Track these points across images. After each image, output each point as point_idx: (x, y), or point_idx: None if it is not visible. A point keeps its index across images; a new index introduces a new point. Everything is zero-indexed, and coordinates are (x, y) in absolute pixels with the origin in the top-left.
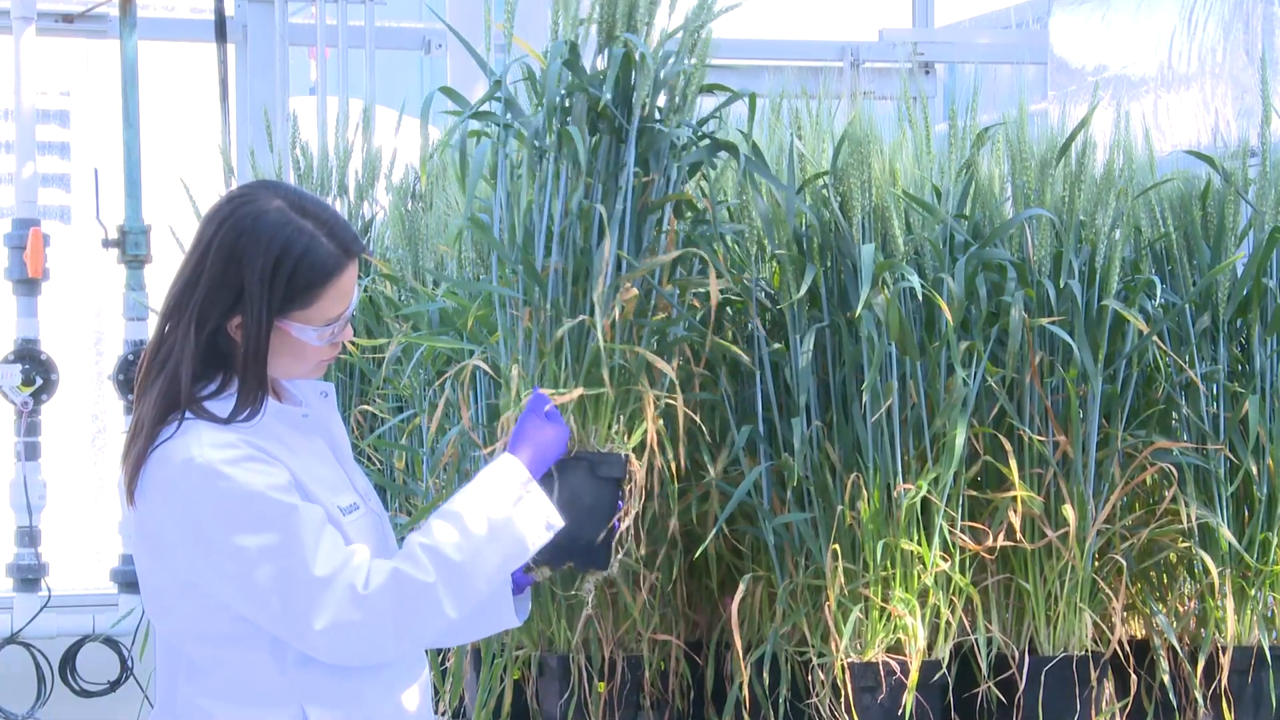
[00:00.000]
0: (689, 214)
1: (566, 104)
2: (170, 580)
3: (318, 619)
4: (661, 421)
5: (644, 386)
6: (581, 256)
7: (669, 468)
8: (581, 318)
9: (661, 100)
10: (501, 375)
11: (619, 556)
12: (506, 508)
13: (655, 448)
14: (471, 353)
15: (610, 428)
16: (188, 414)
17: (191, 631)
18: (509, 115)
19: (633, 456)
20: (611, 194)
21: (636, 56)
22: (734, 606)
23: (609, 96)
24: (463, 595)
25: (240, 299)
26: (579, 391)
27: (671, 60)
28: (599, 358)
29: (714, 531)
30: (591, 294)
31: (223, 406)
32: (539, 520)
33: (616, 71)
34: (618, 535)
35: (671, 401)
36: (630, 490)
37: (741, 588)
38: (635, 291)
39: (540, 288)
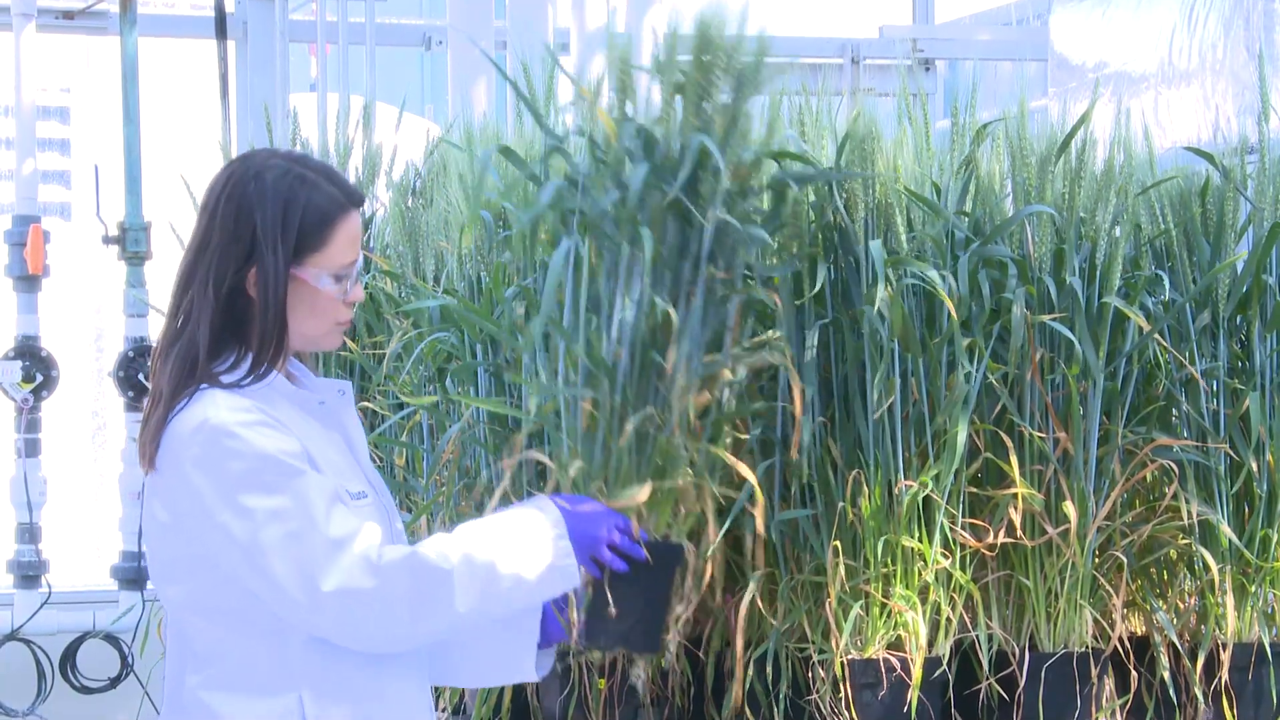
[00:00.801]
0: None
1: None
2: (180, 550)
3: (327, 580)
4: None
5: (705, 480)
6: (649, 351)
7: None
8: (650, 413)
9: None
10: (559, 467)
11: (671, 640)
12: (533, 542)
13: (713, 539)
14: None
15: (668, 516)
16: (203, 385)
17: (196, 605)
18: (579, 198)
19: (690, 545)
20: (681, 287)
21: (713, 156)
22: (742, 608)
23: (682, 193)
24: (476, 597)
25: (254, 251)
26: (645, 494)
27: (743, 157)
28: (667, 454)
29: (721, 533)
30: (665, 392)
31: (237, 377)
32: (559, 567)
33: (691, 170)
34: (672, 621)
35: (733, 496)
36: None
37: (752, 587)
38: (709, 396)
39: (610, 382)
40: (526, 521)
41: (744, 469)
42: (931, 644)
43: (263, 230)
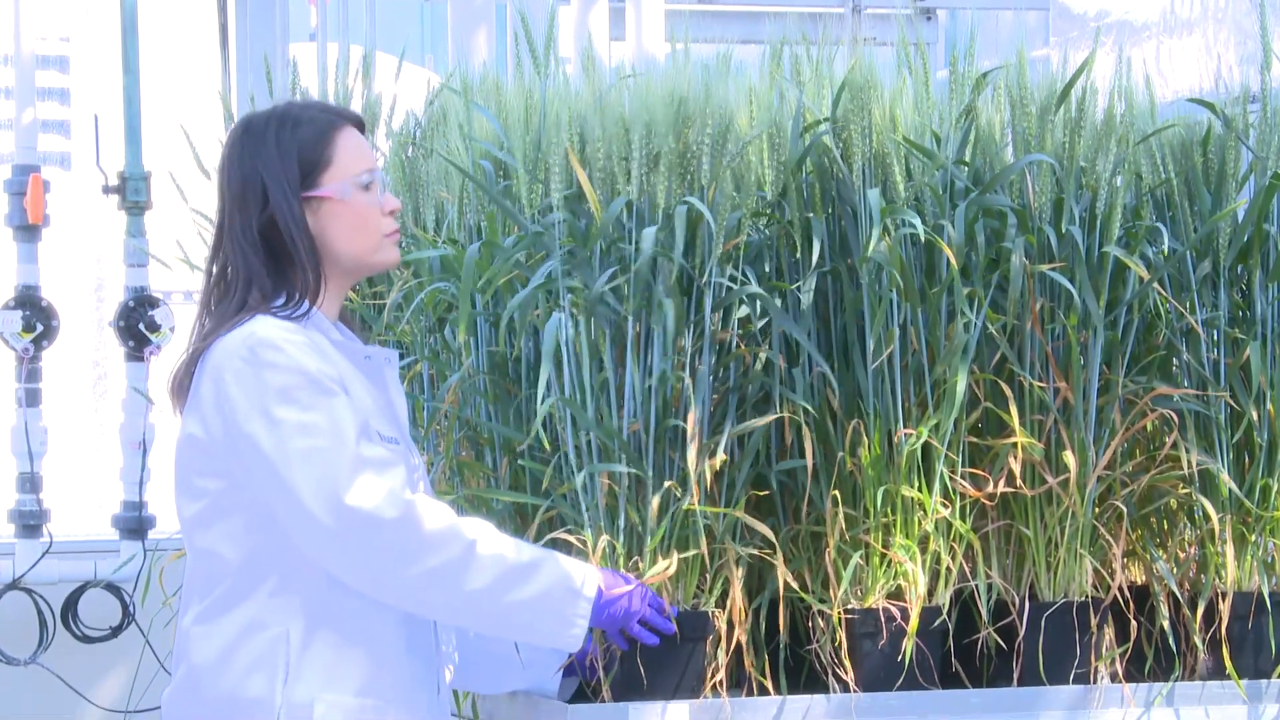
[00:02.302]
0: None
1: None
2: (205, 464)
3: (350, 494)
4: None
5: (729, 543)
6: (663, 422)
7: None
8: (670, 484)
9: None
10: (588, 544)
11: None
12: (561, 586)
13: (742, 606)
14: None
15: (695, 585)
16: (254, 312)
17: (209, 525)
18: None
19: (717, 613)
20: (685, 353)
21: (704, 217)
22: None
23: (681, 260)
24: (483, 587)
25: (265, 190)
26: (672, 568)
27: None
28: (688, 522)
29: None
30: (678, 459)
31: (287, 313)
32: (567, 619)
33: (684, 233)
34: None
35: (761, 555)
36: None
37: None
38: (724, 456)
39: (626, 455)
40: (567, 566)
41: (764, 529)
42: (931, 593)
43: (265, 169)
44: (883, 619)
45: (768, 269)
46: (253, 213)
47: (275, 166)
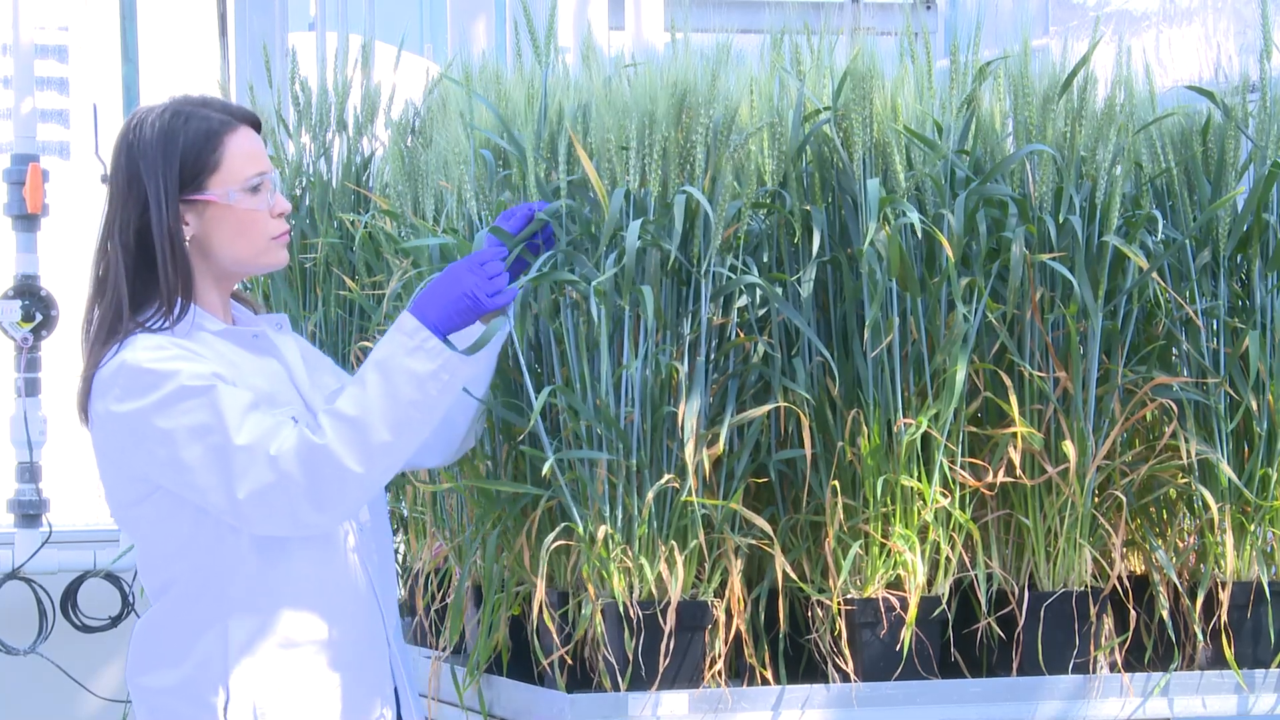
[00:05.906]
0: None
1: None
2: (127, 493)
3: (240, 487)
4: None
5: (727, 534)
6: (659, 409)
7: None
8: (669, 478)
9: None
10: (585, 532)
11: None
12: (396, 354)
13: (741, 595)
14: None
15: (694, 574)
16: (129, 334)
17: (149, 548)
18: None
19: (716, 603)
20: (683, 342)
21: (700, 208)
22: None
23: (677, 250)
24: (363, 448)
25: (145, 193)
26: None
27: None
28: (686, 512)
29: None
30: (676, 449)
31: (159, 323)
32: (431, 356)
33: (682, 224)
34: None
35: (759, 545)
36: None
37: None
38: (720, 447)
39: (624, 445)
40: (386, 346)
41: (761, 522)
42: (930, 583)
43: (146, 171)
44: (882, 609)
45: (767, 259)
46: (132, 213)
47: (158, 168)
